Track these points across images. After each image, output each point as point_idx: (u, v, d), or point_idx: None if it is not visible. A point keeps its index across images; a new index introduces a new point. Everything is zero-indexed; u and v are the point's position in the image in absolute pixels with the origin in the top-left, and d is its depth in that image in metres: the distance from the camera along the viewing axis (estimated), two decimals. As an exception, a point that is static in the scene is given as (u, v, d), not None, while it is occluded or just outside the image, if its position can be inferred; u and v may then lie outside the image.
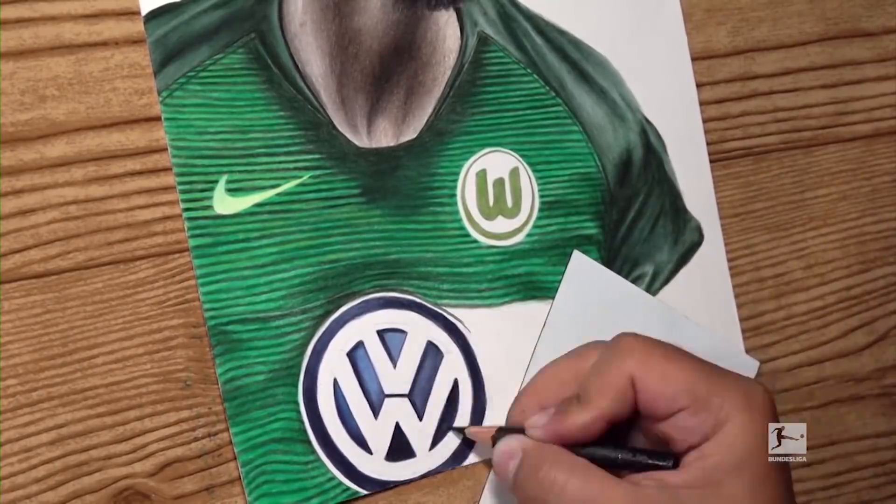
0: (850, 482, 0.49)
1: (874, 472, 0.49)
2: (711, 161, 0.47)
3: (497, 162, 0.43)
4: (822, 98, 0.49)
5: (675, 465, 0.36)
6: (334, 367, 0.40)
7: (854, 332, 0.49)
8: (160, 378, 0.38)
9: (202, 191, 0.39)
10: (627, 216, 0.46)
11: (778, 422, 0.36)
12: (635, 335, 0.38)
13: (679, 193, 0.46)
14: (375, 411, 0.41)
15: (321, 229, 0.41)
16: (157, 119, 0.39)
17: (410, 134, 0.42)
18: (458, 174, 0.43)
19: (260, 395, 0.39)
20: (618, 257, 0.45)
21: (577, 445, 0.37)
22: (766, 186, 0.48)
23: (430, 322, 0.42)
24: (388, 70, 0.42)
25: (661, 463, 0.36)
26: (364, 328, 0.41)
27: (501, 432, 0.39)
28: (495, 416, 0.42)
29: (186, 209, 0.39)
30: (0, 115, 0.37)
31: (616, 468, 0.37)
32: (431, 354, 0.42)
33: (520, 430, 0.39)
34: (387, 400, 0.41)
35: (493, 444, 0.39)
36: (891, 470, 0.49)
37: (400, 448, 0.41)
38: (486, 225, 0.43)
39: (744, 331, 0.47)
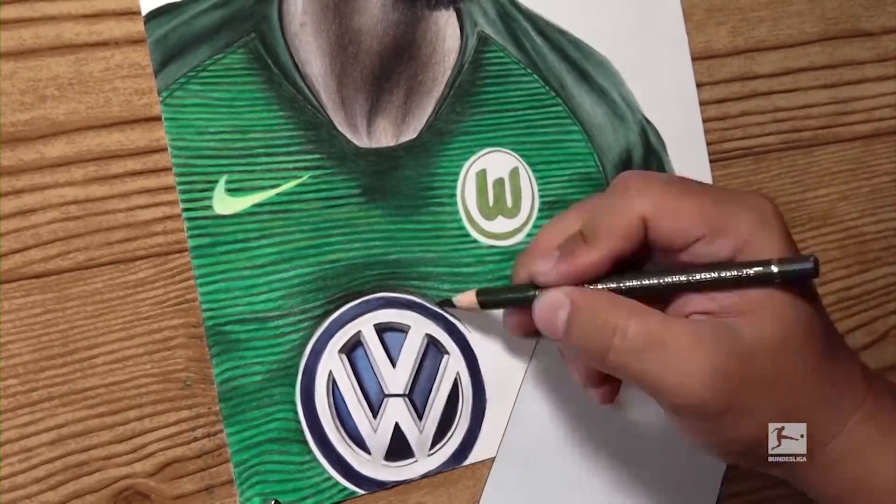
0: (850, 482, 0.49)
1: (874, 472, 0.49)
2: (711, 161, 0.47)
3: (497, 162, 0.44)
4: (822, 98, 0.49)
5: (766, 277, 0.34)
6: (333, 367, 0.40)
7: (854, 332, 0.49)
8: (160, 378, 0.38)
9: (202, 191, 0.39)
10: (627, 216, 0.46)
11: (788, 229, 0.36)
12: (639, 173, 0.38)
13: (679, 193, 0.46)
14: (375, 411, 0.41)
15: (321, 229, 0.41)
16: (158, 119, 0.39)
17: (410, 134, 0.42)
18: (458, 174, 0.43)
19: (256, 396, 0.39)
20: (618, 257, 0.45)
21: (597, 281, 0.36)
22: (766, 186, 0.48)
23: (430, 322, 0.42)
24: (388, 70, 0.42)
25: (755, 271, 0.34)
26: (364, 328, 0.41)
27: (483, 293, 0.39)
28: (496, 415, 0.42)
29: (186, 209, 0.39)
30: (0, 115, 0.37)
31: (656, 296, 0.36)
32: (431, 354, 0.42)
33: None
34: (386, 400, 0.41)
35: (481, 307, 0.39)
36: (890, 470, 0.49)
37: (399, 448, 0.41)
38: (486, 225, 0.43)
39: (743, 331, 0.47)
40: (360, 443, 0.40)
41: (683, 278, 0.35)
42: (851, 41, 0.50)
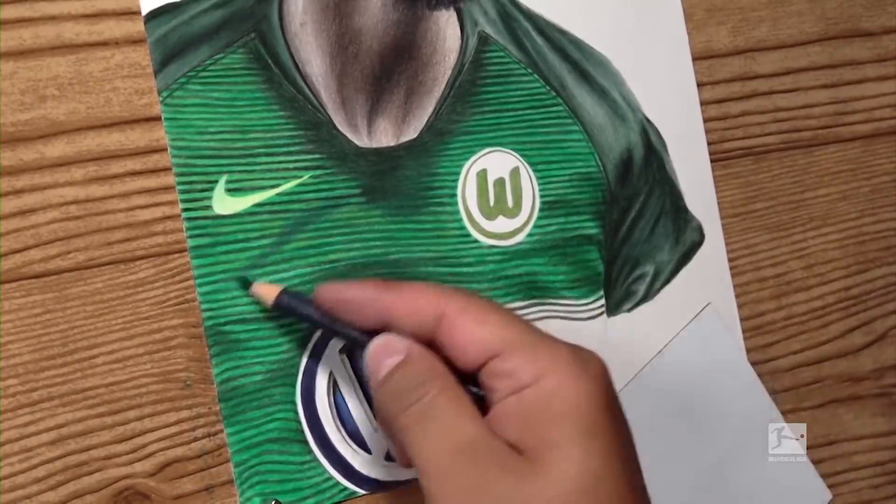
0: (849, 482, 0.49)
1: (873, 471, 0.49)
2: (712, 161, 0.47)
3: (498, 162, 0.43)
4: (822, 98, 0.49)
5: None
6: (333, 366, 0.40)
7: (853, 332, 0.49)
8: (160, 378, 0.38)
9: (202, 191, 0.39)
10: (628, 216, 0.46)
11: (613, 389, 0.31)
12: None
13: (680, 193, 0.46)
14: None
15: (321, 229, 0.41)
16: (157, 119, 0.39)
17: (411, 134, 0.42)
18: (458, 174, 0.43)
19: (256, 396, 0.39)
20: (618, 257, 0.45)
21: None
22: (767, 186, 0.48)
23: (430, 322, 0.42)
24: (389, 70, 0.42)
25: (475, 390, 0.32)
26: (364, 328, 0.41)
27: (287, 294, 0.37)
28: (495, 415, 0.42)
29: (186, 209, 0.39)
30: (0, 115, 0.37)
31: None
32: (431, 354, 0.42)
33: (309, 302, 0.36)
34: (387, 400, 0.41)
35: (276, 305, 0.37)
36: (889, 470, 0.50)
37: (400, 448, 0.41)
38: (487, 225, 0.43)
39: (744, 331, 0.47)
40: (360, 443, 0.40)
41: None
42: (852, 41, 0.50)
